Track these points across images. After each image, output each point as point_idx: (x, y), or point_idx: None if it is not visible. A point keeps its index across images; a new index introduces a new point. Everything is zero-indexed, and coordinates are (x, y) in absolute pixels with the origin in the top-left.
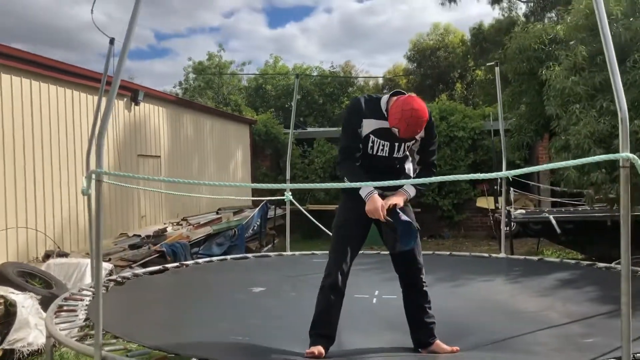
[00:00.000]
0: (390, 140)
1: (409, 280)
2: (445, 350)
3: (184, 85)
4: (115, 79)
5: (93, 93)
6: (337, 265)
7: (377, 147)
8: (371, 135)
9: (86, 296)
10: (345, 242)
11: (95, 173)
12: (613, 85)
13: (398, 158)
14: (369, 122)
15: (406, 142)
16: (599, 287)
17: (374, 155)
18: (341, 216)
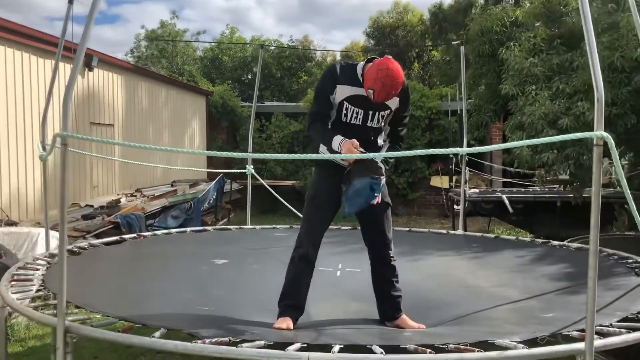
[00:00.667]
0: (364, 108)
1: (377, 253)
2: (412, 326)
3: (136, 53)
4: (82, 40)
5: (44, 56)
6: (309, 237)
7: (350, 114)
8: (345, 102)
9: (41, 266)
10: (318, 214)
11: (61, 136)
12: (591, 65)
13: (372, 129)
14: (343, 89)
15: (380, 112)
16: (554, 264)
17: (347, 123)
18: (314, 188)
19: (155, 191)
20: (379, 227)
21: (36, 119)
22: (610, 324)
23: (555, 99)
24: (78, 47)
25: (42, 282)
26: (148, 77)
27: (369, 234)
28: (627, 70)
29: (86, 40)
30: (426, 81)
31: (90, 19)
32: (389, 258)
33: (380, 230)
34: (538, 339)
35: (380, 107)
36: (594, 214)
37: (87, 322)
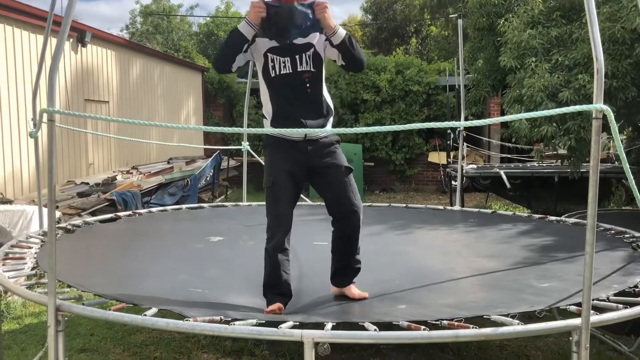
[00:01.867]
0: (289, 54)
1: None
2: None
3: (131, 29)
4: (67, 14)
5: (36, 32)
6: (278, 226)
7: (278, 65)
8: (268, 53)
9: (34, 244)
10: (280, 201)
11: (47, 112)
12: (591, 36)
13: (307, 77)
14: (263, 41)
15: (305, 53)
16: (551, 239)
17: (278, 75)
18: (270, 174)
19: (152, 168)
20: (343, 193)
21: (29, 96)
22: (606, 297)
23: (554, 71)
24: (64, 18)
25: (35, 260)
26: (143, 53)
27: (333, 204)
28: (628, 42)
29: (72, 10)
30: (424, 56)
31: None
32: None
33: (345, 196)
34: (536, 312)
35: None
36: (592, 188)
37: (79, 301)
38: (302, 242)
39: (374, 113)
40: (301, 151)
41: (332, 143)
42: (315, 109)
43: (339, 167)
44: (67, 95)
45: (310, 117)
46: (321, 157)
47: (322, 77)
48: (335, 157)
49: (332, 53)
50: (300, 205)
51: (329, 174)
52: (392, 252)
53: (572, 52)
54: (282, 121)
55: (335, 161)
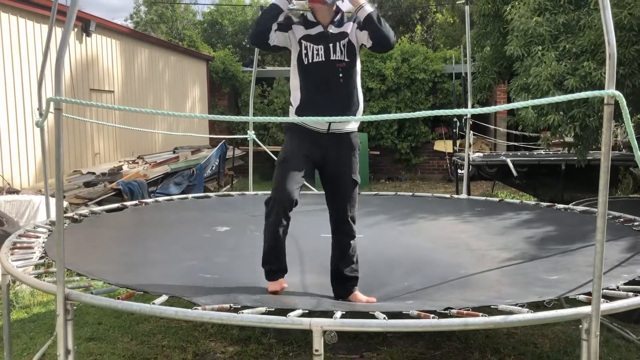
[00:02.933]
0: (324, 42)
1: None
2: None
3: (135, 19)
4: (73, 3)
5: (40, 21)
6: (279, 199)
7: (311, 52)
8: (302, 41)
9: (42, 233)
10: (287, 175)
11: (54, 101)
12: (603, 20)
13: (340, 66)
14: (299, 28)
15: (340, 41)
16: (559, 227)
17: (310, 63)
18: (283, 152)
19: (157, 158)
20: (342, 204)
21: (34, 86)
22: (616, 287)
23: (561, 59)
24: (69, 8)
25: (43, 249)
26: (147, 42)
27: (331, 206)
28: (636, 28)
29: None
30: (430, 44)
31: None
32: (347, 238)
33: (344, 207)
34: (545, 302)
35: (335, 36)
36: (603, 175)
37: (88, 290)
38: (309, 233)
39: (379, 101)
40: (320, 142)
41: (352, 147)
42: (344, 100)
43: (349, 178)
44: (72, 85)
45: (338, 109)
46: (337, 159)
47: (356, 69)
48: (349, 165)
49: (362, 37)
50: (306, 194)
51: (337, 179)
52: (399, 243)
53: (580, 38)
54: (308, 109)
55: (347, 170)
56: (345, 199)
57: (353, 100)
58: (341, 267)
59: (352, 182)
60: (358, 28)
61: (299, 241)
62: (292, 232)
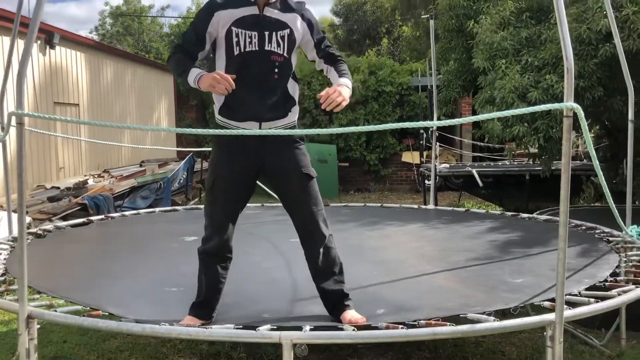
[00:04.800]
0: (258, 28)
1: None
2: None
3: (101, 31)
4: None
5: (2, 33)
6: (214, 230)
7: (243, 40)
8: (233, 27)
9: (3, 250)
10: (219, 203)
11: (16, 115)
12: (560, 35)
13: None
14: (227, 14)
15: (278, 31)
16: (523, 235)
17: (242, 53)
18: (212, 172)
19: (124, 171)
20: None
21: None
22: (578, 292)
23: (524, 72)
24: (31, 19)
25: (5, 267)
26: (113, 54)
27: (291, 214)
28: (594, 42)
29: (40, 11)
30: (396, 57)
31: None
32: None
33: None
34: (511, 309)
35: (274, 24)
36: (564, 185)
37: (52, 308)
38: (277, 240)
39: (347, 114)
40: (252, 146)
41: (293, 140)
42: (277, 97)
43: (298, 173)
44: (35, 98)
45: (269, 107)
46: (278, 156)
47: (292, 66)
48: (295, 159)
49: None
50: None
51: (286, 179)
52: (367, 252)
53: (541, 52)
54: (234, 108)
55: (294, 165)
56: (302, 198)
57: (287, 96)
58: (319, 281)
59: (304, 176)
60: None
61: (265, 249)
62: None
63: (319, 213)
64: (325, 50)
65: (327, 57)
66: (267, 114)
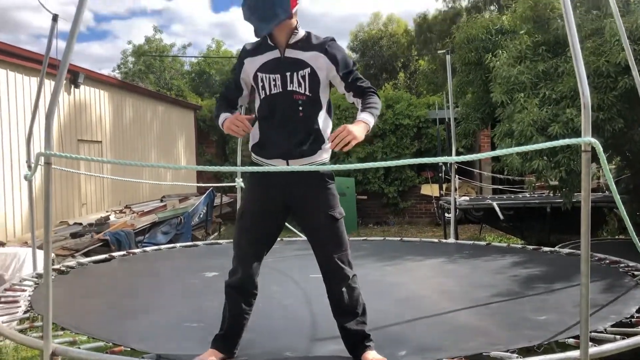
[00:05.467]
0: (280, 71)
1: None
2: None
3: (123, 69)
4: (64, 58)
5: (29, 74)
6: (239, 262)
7: (268, 84)
8: (258, 73)
9: (28, 287)
10: (247, 235)
11: (44, 155)
12: (576, 72)
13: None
14: (253, 60)
15: (298, 71)
16: (546, 270)
17: (268, 96)
18: (242, 205)
19: (145, 207)
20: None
21: (22, 138)
22: (604, 329)
23: (543, 105)
24: (60, 64)
25: (29, 303)
26: (135, 92)
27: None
28: (613, 75)
29: (68, 58)
30: (413, 90)
31: (71, 36)
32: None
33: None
34: (535, 347)
35: (294, 64)
36: (584, 221)
37: (75, 344)
38: (298, 275)
39: (365, 147)
40: (281, 182)
41: (321, 178)
42: (303, 136)
43: (324, 215)
44: (60, 136)
45: (296, 145)
46: (305, 195)
47: (321, 105)
48: (321, 199)
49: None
50: (295, 240)
51: (312, 219)
52: (387, 288)
53: (559, 85)
54: (263, 146)
55: (321, 206)
56: (328, 239)
57: (317, 134)
58: (341, 321)
59: (330, 218)
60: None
61: (286, 285)
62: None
63: (344, 254)
64: (353, 83)
65: (356, 91)
66: (294, 152)
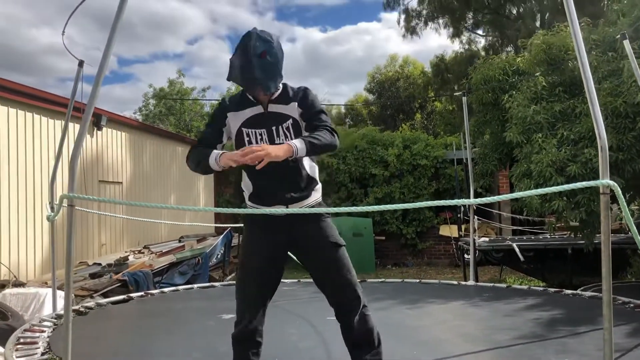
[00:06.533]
0: (266, 126)
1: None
2: None
3: (144, 111)
4: (90, 103)
5: (54, 117)
6: (244, 312)
7: (254, 138)
8: (244, 128)
9: (47, 327)
10: (253, 283)
11: (68, 197)
12: (592, 115)
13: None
14: (236, 115)
15: (282, 124)
16: (567, 312)
17: None
18: (243, 251)
19: (163, 247)
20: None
21: (45, 179)
22: None
23: (561, 146)
24: (85, 109)
25: (48, 344)
26: (155, 134)
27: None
28: (631, 115)
29: (92, 105)
30: (430, 130)
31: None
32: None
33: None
34: None
35: (277, 118)
36: (604, 263)
37: None
38: (314, 318)
39: (383, 187)
40: (281, 225)
41: (318, 215)
42: (297, 181)
43: (326, 244)
44: (82, 177)
45: (291, 191)
46: (306, 231)
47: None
48: (321, 231)
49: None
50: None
51: (315, 250)
52: (407, 331)
53: (577, 126)
54: (261, 196)
55: (321, 237)
56: (333, 266)
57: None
58: (356, 355)
59: (333, 244)
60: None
61: (302, 327)
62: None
63: (352, 279)
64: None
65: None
66: (291, 198)
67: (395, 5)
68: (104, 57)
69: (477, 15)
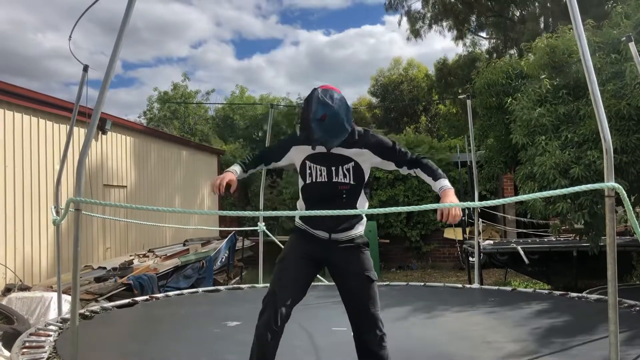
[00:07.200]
0: (327, 164)
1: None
2: None
3: (149, 115)
4: (97, 108)
5: (59, 121)
6: (274, 303)
7: (315, 172)
8: (307, 161)
9: (53, 331)
10: (284, 278)
11: (74, 201)
12: (597, 118)
13: (344, 188)
14: (303, 149)
15: (343, 165)
16: (573, 316)
17: (314, 182)
18: (284, 251)
19: (168, 251)
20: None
21: (50, 184)
22: None
23: (564, 148)
24: (92, 114)
25: (54, 348)
26: (160, 138)
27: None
28: (635, 117)
29: (99, 111)
30: (434, 134)
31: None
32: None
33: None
34: None
35: (339, 159)
36: (610, 267)
37: None
38: (319, 327)
39: (387, 190)
40: (323, 243)
41: (358, 246)
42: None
43: (361, 277)
44: (87, 181)
45: (338, 222)
46: (344, 257)
47: (361, 189)
48: (358, 263)
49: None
50: (316, 285)
51: (348, 279)
52: (412, 337)
53: (581, 128)
54: (310, 220)
55: (357, 268)
56: (362, 298)
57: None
58: None
59: (367, 278)
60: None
61: (309, 337)
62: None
63: (376, 313)
64: (401, 158)
65: (408, 163)
66: (336, 228)
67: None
68: (110, 62)
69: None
